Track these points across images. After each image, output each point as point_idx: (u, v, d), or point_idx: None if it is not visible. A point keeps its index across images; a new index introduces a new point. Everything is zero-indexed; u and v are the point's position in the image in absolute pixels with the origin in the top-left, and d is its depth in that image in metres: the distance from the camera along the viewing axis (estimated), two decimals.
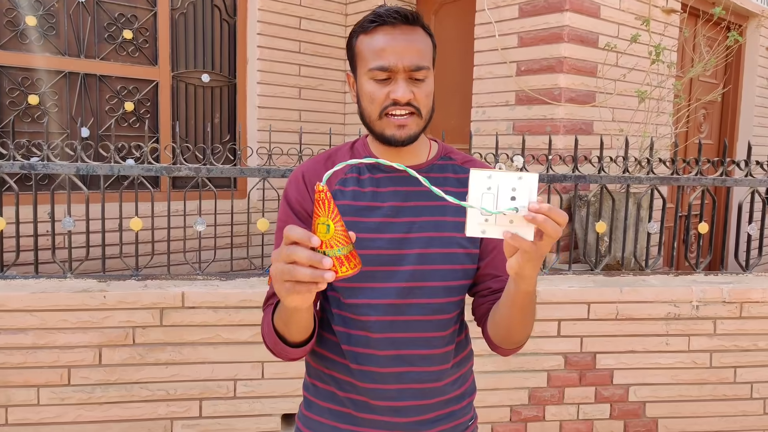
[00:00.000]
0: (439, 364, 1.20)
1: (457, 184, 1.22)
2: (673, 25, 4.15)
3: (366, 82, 1.14)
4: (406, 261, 1.15)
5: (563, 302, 2.64)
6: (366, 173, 1.20)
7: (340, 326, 1.19)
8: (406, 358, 1.17)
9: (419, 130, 1.15)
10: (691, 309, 2.70)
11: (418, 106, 1.12)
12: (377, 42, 1.12)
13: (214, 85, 4.36)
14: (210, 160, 2.69)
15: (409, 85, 1.11)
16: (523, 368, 2.67)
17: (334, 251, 0.86)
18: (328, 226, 0.86)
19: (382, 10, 1.13)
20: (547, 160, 2.86)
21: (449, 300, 1.18)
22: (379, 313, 1.15)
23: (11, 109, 3.63)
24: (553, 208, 0.86)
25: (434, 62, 1.19)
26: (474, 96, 3.98)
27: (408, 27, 1.12)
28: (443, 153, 1.27)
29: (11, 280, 2.52)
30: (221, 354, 2.50)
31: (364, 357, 1.17)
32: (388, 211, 1.17)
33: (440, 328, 1.18)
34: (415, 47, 1.11)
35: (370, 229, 1.15)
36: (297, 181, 1.21)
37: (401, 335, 1.16)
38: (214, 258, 2.88)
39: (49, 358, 2.39)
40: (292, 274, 0.84)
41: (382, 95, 1.12)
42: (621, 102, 3.83)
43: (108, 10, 3.90)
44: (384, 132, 1.14)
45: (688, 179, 2.92)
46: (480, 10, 3.90)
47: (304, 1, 4.50)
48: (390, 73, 1.11)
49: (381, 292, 1.15)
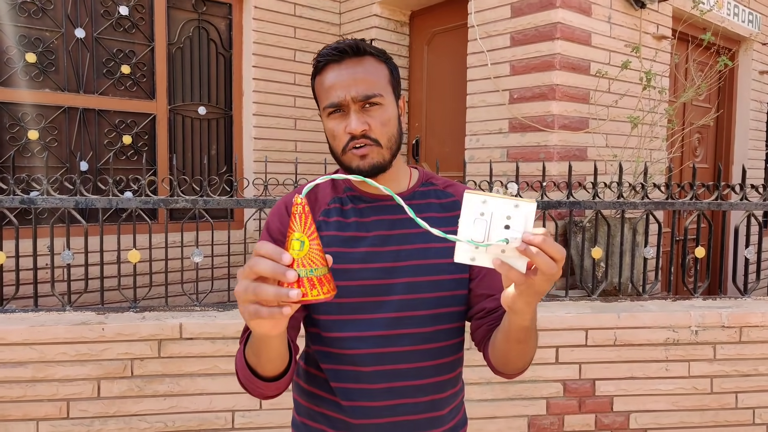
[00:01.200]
0: (432, 393, 1.17)
1: (440, 209, 1.21)
2: (664, 51, 4.21)
3: (326, 120, 1.15)
4: (394, 291, 1.14)
5: (561, 329, 2.64)
6: (348, 204, 1.20)
7: (326, 363, 1.17)
8: (398, 390, 1.14)
9: (383, 159, 1.13)
10: (690, 334, 2.69)
11: (374, 137, 1.12)
12: (327, 80, 1.13)
13: (211, 117, 4.41)
14: (207, 192, 2.71)
15: (363, 116, 1.11)
16: (521, 396, 2.65)
17: (306, 271, 0.78)
18: (302, 242, 0.78)
19: (326, 50, 1.14)
20: (541, 187, 2.88)
21: (438, 328, 1.16)
22: (368, 345, 1.13)
23: (11, 145, 3.67)
24: (549, 241, 0.80)
25: (396, 86, 1.18)
26: (467, 124, 4.02)
27: (354, 59, 1.12)
28: (425, 179, 1.26)
29: (11, 313, 2.53)
30: (219, 385, 2.49)
31: (355, 392, 1.14)
32: (374, 241, 1.16)
33: (431, 357, 1.16)
34: (362, 78, 1.11)
35: (356, 260, 1.14)
36: (280, 212, 1.20)
37: (392, 367, 1.14)
38: (212, 288, 2.88)
39: (48, 391, 2.38)
40: (255, 293, 0.77)
41: (341, 131, 1.12)
42: (614, 128, 3.87)
43: (106, 46, 3.97)
44: (350, 165, 1.14)
45: (684, 204, 2.93)
46: (472, 39, 3.97)
47: (299, 33, 4.58)
48: (342, 107, 1.11)
49: (369, 324, 1.13)
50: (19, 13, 3.66)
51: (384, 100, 1.13)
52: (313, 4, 4.67)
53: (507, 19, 3.76)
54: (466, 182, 2.96)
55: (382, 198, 1.19)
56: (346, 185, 1.22)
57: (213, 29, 4.39)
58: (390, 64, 1.18)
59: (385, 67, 1.16)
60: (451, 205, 1.22)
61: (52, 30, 3.78)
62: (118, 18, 3.99)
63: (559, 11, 3.51)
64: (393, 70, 1.18)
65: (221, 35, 4.43)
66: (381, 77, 1.14)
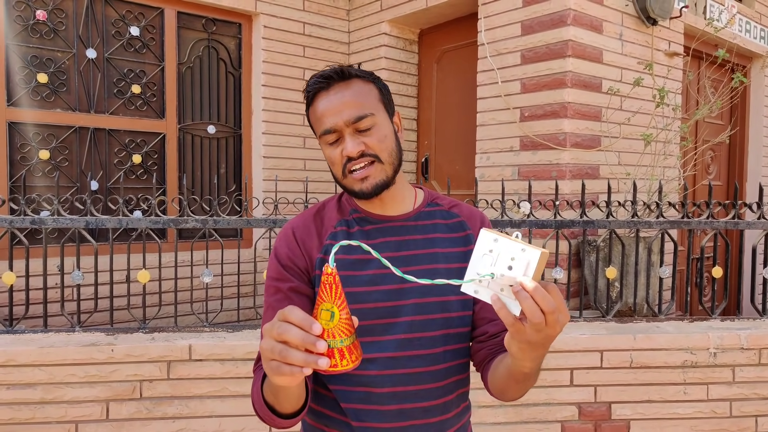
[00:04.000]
0: (440, 414, 1.17)
1: (447, 230, 1.22)
2: (677, 68, 4.19)
3: (324, 147, 1.16)
4: (403, 312, 1.14)
5: (575, 350, 2.59)
6: (355, 226, 1.20)
7: (335, 384, 1.16)
8: (408, 412, 1.15)
9: (386, 176, 1.15)
10: (709, 356, 2.63)
11: (373, 152, 1.13)
12: (318, 108, 1.14)
13: (220, 136, 4.42)
14: (216, 212, 2.70)
15: (358, 137, 1.12)
16: (535, 419, 2.60)
17: (337, 342, 0.79)
18: (333, 313, 0.79)
19: (313, 79, 1.15)
20: (554, 206, 2.85)
21: (447, 348, 1.17)
22: (378, 367, 1.13)
23: (22, 164, 3.69)
24: (541, 291, 0.82)
25: (388, 103, 1.19)
26: (478, 142, 4.00)
27: (341, 84, 1.14)
28: (430, 199, 1.26)
29: (20, 334, 2.52)
30: (228, 407, 2.46)
31: (367, 413, 1.14)
32: (380, 263, 1.16)
33: (439, 378, 1.16)
34: (351, 100, 1.12)
35: (364, 282, 1.14)
36: (287, 237, 1.20)
37: (403, 389, 1.14)
38: (221, 308, 2.86)
39: (57, 413, 2.37)
40: (282, 355, 0.79)
41: (338, 156, 1.14)
42: (627, 145, 3.84)
43: (117, 65, 4.00)
44: (353, 188, 1.16)
45: (700, 223, 2.89)
46: (482, 57, 3.96)
47: (308, 52, 4.60)
48: (336, 133, 1.13)
49: (379, 346, 1.13)
50: (31, 33, 3.69)
51: (376, 118, 1.14)
52: (323, 23, 4.70)
53: (517, 37, 3.76)
54: (477, 201, 2.93)
55: (388, 219, 1.21)
56: (351, 207, 1.23)
57: (222, 48, 4.41)
58: (378, 83, 1.19)
59: (374, 87, 1.17)
60: (457, 226, 1.23)
61: (64, 51, 3.81)
62: (129, 38, 4.02)
63: (570, 29, 3.50)
64: (382, 89, 1.19)
65: (231, 54, 4.45)
66: (370, 97, 1.15)
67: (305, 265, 1.17)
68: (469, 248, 1.20)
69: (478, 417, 2.54)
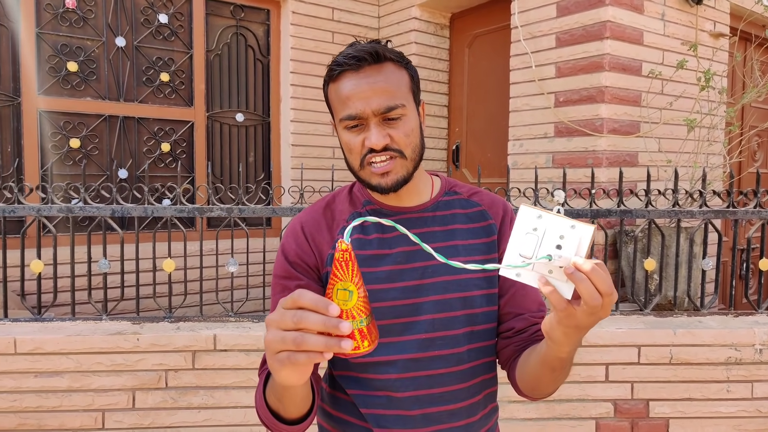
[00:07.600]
0: (467, 417, 1.10)
1: (466, 220, 1.14)
2: (723, 50, 3.99)
3: (342, 132, 1.07)
4: (423, 310, 1.06)
5: (611, 345, 2.48)
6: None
7: (353, 389, 1.10)
8: (434, 416, 1.07)
9: (407, 172, 1.06)
10: (754, 353, 2.50)
11: (398, 148, 1.04)
12: (343, 89, 1.04)
13: (248, 124, 4.39)
14: (242, 200, 2.66)
15: (384, 128, 1.03)
16: (569, 415, 2.50)
17: (357, 323, 0.71)
18: (350, 292, 0.71)
19: (342, 56, 1.04)
20: (590, 194, 2.73)
21: (471, 347, 1.09)
22: (399, 370, 1.06)
23: (54, 153, 3.71)
24: (599, 272, 0.75)
25: (416, 92, 1.09)
26: (510, 128, 3.89)
27: (373, 67, 1.03)
28: (448, 188, 1.18)
29: (48, 322, 2.53)
30: (253, 398, 2.43)
31: (390, 419, 1.07)
32: (398, 258, 1.08)
33: (465, 378, 1.09)
34: (383, 87, 1.02)
35: (380, 279, 1.07)
36: (295, 232, 1.13)
37: (427, 392, 1.07)
38: (247, 298, 2.84)
39: (84, 402, 2.37)
40: (296, 342, 0.69)
41: (358, 144, 1.04)
42: (668, 131, 3.67)
43: (146, 54, 3.99)
44: (370, 182, 1.07)
45: (746, 212, 2.74)
46: (515, 41, 3.83)
47: (337, 39, 4.53)
48: (360, 120, 1.03)
49: (399, 347, 1.06)
50: (61, 22, 3.70)
51: (406, 110, 1.04)
52: (352, 8, 4.62)
53: (552, 19, 3.62)
54: (509, 189, 2.83)
55: (404, 210, 1.12)
56: (365, 198, 1.15)
57: (251, 35, 4.37)
58: (410, 68, 1.09)
59: (406, 73, 1.07)
60: (477, 216, 1.15)
61: (94, 39, 3.82)
62: (158, 26, 4.01)
63: (609, 9, 3.35)
64: (413, 75, 1.10)
65: (259, 41, 4.41)
66: (402, 85, 1.05)
67: (314, 263, 1.10)
68: (491, 239, 1.12)
69: (508, 412, 2.46)
